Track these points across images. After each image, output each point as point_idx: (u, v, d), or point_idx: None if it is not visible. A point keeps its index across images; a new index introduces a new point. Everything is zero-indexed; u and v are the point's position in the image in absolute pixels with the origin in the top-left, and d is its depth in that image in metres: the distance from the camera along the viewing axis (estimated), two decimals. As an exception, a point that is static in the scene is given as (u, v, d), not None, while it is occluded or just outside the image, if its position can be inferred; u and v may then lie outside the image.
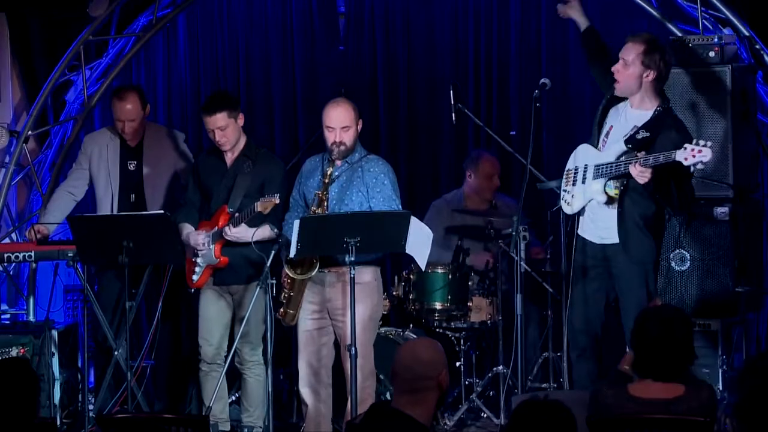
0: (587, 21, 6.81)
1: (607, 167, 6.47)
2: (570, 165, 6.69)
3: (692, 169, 6.33)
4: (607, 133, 6.59)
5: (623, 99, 6.59)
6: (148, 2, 8.26)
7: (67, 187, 7.63)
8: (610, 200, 6.51)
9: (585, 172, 6.60)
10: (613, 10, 7.91)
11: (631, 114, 6.55)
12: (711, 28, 7.69)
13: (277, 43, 8.53)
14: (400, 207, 6.64)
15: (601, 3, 7.92)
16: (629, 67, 6.43)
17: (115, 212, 7.31)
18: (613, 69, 6.46)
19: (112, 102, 7.48)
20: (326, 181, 6.51)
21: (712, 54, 7.20)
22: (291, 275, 6.48)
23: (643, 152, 6.32)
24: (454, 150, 8.21)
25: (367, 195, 6.60)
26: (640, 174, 6.26)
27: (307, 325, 6.63)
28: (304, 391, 6.68)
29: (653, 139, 6.35)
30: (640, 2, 7.74)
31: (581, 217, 6.67)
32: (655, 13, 7.76)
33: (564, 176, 6.69)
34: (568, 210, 6.71)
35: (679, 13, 7.83)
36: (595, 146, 6.62)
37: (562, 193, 6.70)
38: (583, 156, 6.66)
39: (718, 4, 7.66)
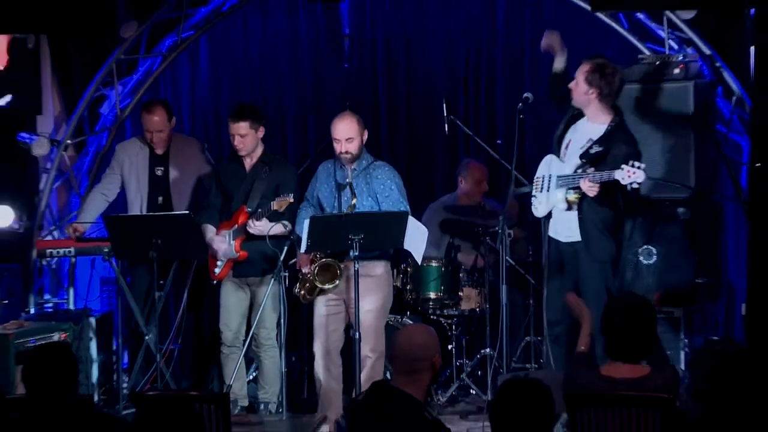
0: (564, 62, 6.82)
1: (565, 179, 6.55)
2: (539, 173, 6.73)
3: (628, 188, 6.33)
4: (567, 146, 6.64)
5: (583, 115, 6.62)
6: (173, 25, 8.26)
7: (101, 190, 7.64)
8: (570, 206, 6.58)
9: (549, 181, 6.67)
10: (589, 32, 7.89)
11: (586, 127, 6.60)
12: (676, 47, 7.70)
13: (289, 61, 8.52)
14: (408, 206, 6.65)
15: (578, 25, 7.91)
16: (578, 85, 6.52)
17: (144, 213, 7.32)
18: (570, 85, 6.55)
19: (141, 114, 7.50)
20: (351, 190, 6.51)
21: (677, 71, 7.22)
22: (319, 285, 6.51)
23: (592, 169, 6.38)
24: (447, 157, 8.22)
25: (377, 200, 6.64)
26: (589, 188, 6.34)
27: (323, 311, 6.64)
28: (319, 370, 6.66)
29: (605, 153, 6.40)
30: (614, 25, 7.73)
31: (551, 220, 6.71)
32: (626, 34, 7.76)
33: (534, 183, 6.75)
34: (537, 213, 6.77)
35: (648, 34, 7.83)
36: (558, 157, 6.68)
37: (533, 198, 6.76)
38: (549, 166, 6.71)
39: (683, 26, 7.67)
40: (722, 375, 3.53)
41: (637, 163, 6.25)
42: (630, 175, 6.24)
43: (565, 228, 6.67)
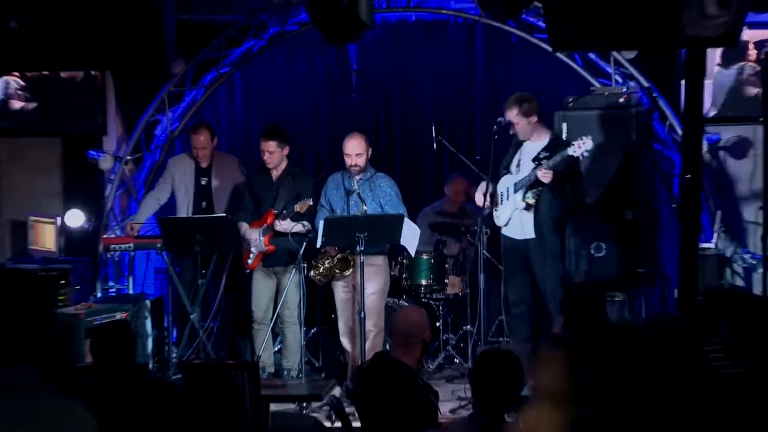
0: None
1: (522, 181, 6.62)
2: (498, 190, 6.80)
3: (581, 160, 6.51)
4: (518, 164, 6.73)
5: (521, 143, 6.75)
6: (213, 62, 8.25)
7: (155, 195, 7.63)
8: (528, 207, 6.64)
9: (507, 192, 6.75)
10: (551, 68, 7.89)
11: (531, 147, 6.71)
12: (621, 81, 7.70)
13: (307, 91, 8.49)
14: (405, 209, 6.71)
15: (542, 63, 7.92)
16: (518, 123, 6.61)
17: (190, 215, 7.32)
18: (512, 131, 6.67)
19: (189, 135, 7.51)
20: (360, 198, 6.62)
21: (621, 100, 7.21)
22: (338, 273, 6.69)
23: (543, 164, 6.49)
24: (435, 170, 8.19)
25: (380, 204, 6.69)
26: (545, 175, 6.45)
27: (342, 295, 6.78)
28: (344, 341, 6.80)
29: (551, 157, 6.49)
30: (570, 63, 7.75)
31: (505, 225, 6.81)
32: (580, 70, 7.77)
33: (493, 199, 6.79)
34: (499, 222, 6.86)
35: (598, 70, 7.84)
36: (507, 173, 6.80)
37: (494, 212, 6.85)
38: (504, 183, 6.80)
39: (626, 64, 7.68)
40: (661, 345, 3.49)
41: (583, 137, 6.37)
42: (580, 145, 6.39)
43: (520, 228, 6.74)
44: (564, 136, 6.93)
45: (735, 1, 5.13)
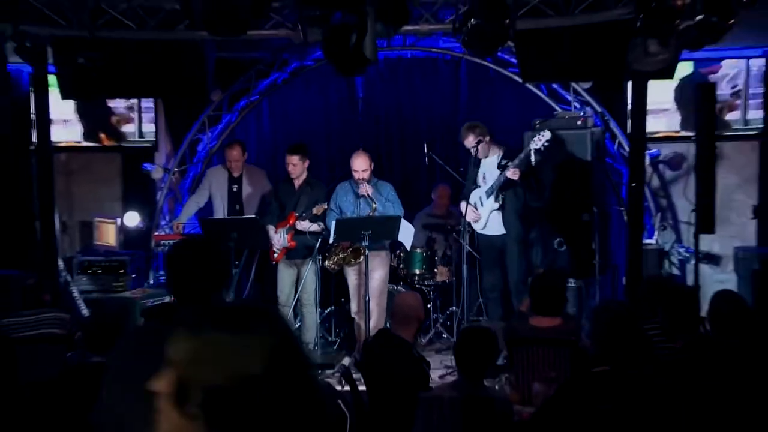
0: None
1: (492, 186, 6.72)
2: (472, 201, 6.87)
3: (542, 148, 6.56)
4: (483, 177, 6.83)
5: (480, 161, 6.87)
6: (244, 92, 8.25)
7: (195, 199, 7.60)
8: (501, 207, 6.75)
9: (480, 200, 6.83)
10: (522, 96, 7.84)
11: (489, 161, 6.84)
12: (579, 106, 7.68)
13: (322, 115, 8.45)
14: (402, 210, 6.76)
15: (515, 93, 7.86)
16: (477, 145, 6.69)
17: (225, 216, 7.30)
18: (477, 153, 6.76)
19: (225, 150, 7.51)
20: (369, 201, 6.67)
21: (579, 122, 7.18)
22: (352, 260, 6.64)
23: (511, 164, 6.64)
24: (426, 180, 8.10)
25: (383, 207, 6.69)
26: (514, 173, 6.58)
27: (353, 280, 6.74)
28: (356, 318, 6.79)
29: (514, 158, 6.63)
30: (537, 91, 7.73)
31: (479, 224, 6.87)
32: (545, 97, 7.75)
33: (469, 211, 6.80)
34: (478, 227, 6.94)
35: (560, 97, 7.81)
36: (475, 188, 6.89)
37: (473, 223, 6.90)
38: (476, 194, 6.87)
39: (583, 92, 7.67)
40: (613, 323, 3.50)
41: (541, 132, 6.50)
42: (540, 138, 6.50)
43: (495, 226, 6.84)
44: (531, 153, 6.87)
45: (672, 42, 5.12)
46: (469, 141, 6.75)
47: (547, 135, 6.48)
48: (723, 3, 4.64)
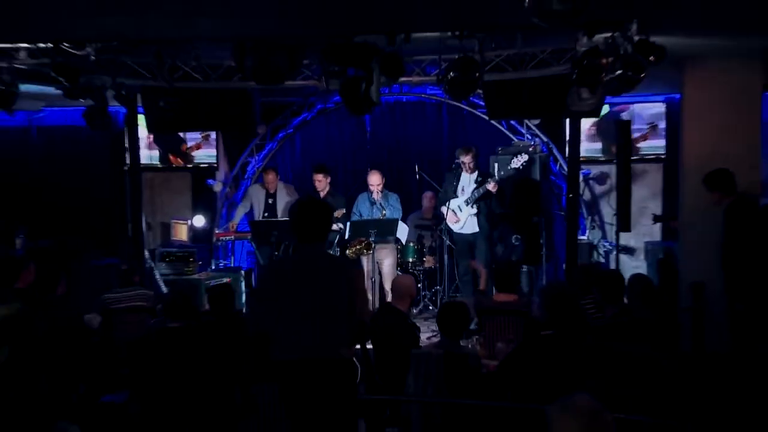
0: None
1: (471, 197, 6.66)
2: (452, 206, 6.78)
3: (520, 166, 6.52)
4: (462, 189, 6.74)
5: (460, 174, 6.74)
6: (282, 126, 8.20)
7: (242, 207, 7.56)
8: (477, 213, 6.69)
9: (459, 207, 6.75)
10: (488, 130, 7.79)
11: (467, 177, 6.75)
12: (530, 137, 7.65)
13: (340, 144, 8.39)
14: (400, 213, 6.81)
15: (483, 127, 7.80)
16: (470, 162, 6.65)
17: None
18: (464, 161, 6.66)
19: (263, 174, 7.54)
20: (380, 207, 6.66)
21: (530, 149, 7.13)
22: (366, 252, 6.52)
23: (492, 179, 6.57)
24: (417, 192, 7.99)
25: (391, 211, 6.70)
26: (493, 187, 6.54)
27: (369, 268, 6.57)
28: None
29: (485, 180, 6.57)
30: (498, 126, 7.70)
31: (456, 224, 6.77)
32: (505, 130, 7.72)
33: (449, 216, 6.75)
34: (456, 228, 6.84)
35: (516, 130, 7.77)
36: (453, 197, 6.79)
37: (452, 225, 6.81)
38: (455, 202, 6.78)
39: (533, 127, 7.66)
40: (557, 299, 3.49)
41: (521, 154, 6.52)
42: (519, 159, 6.51)
43: (471, 227, 6.77)
44: (495, 171, 6.88)
45: (599, 90, 5.13)
46: (467, 158, 6.65)
47: (524, 158, 6.48)
48: (636, 62, 4.65)
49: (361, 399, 3.38)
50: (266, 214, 7.32)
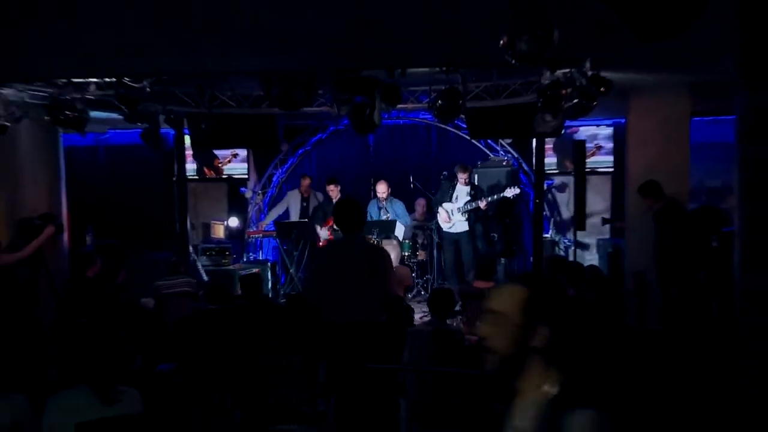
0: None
1: (464, 207, 6.56)
2: (448, 208, 6.72)
3: (512, 197, 6.43)
4: (456, 197, 6.67)
5: (456, 184, 6.65)
6: (301, 144, 8.18)
7: (277, 209, 7.48)
8: (467, 219, 6.62)
9: (452, 212, 6.68)
10: (470, 148, 7.73)
11: (461, 188, 6.68)
12: (503, 153, 7.63)
13: (349, 159, 8.34)
14: (408, 217, 6.75)
15: (466, 146, 7.74)
16: (466, 177, 6.59)
17: (297, 220, 7.19)
18: (462, 176, 6.56)
19: (301, 179, 7.38)
20: (386, 210, 6.65)
21: (504, 163, 7.14)
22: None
23: (485, 200, 6.44)
24: (411, 198, 7.91)
25: (395, 214, 6.67)
26: (486, 205, 6.43)
27: None
28: None
29: (477, 197, 6.50)
30: (479, 144, 7.66)
31: (447, 223, 6.69)
32: (484, 148, 7.69)
33: (441, 218, 6.71)
34: (446, 228, 6.77)
35: (493, 148, 7.74)
36: (448, 200, 6.71)
37: (445, 224, 6.74)
38: (448, 206, 6.71)
39: (506, 145, 7.62)
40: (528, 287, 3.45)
41: (514, 186, 6.42)
42: (512, 191, 6.43)
43: (459, 227, 6.68)
44: (476, 181, 6.83)
45: (559, 115, 5.12)
46: (465, 175, 6.61)
47: (516, 190, 6.42)
48: (589, 92, 4.67)
49: (368, 368, 3.35)
50: (302, 215, 7.27)
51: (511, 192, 6.41)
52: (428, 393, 3.50)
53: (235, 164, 8.44)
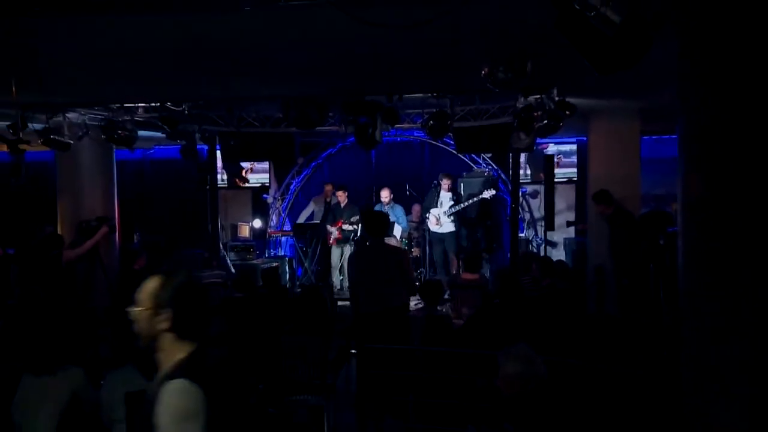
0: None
1: (449, 210, 6.54)
2: (435, 213, 6.69)
3: (489, 198, 6.35)
4: (441, 203, 6.64)
5: (440, 191, 6.64)
6: (314, 158, 8.16)
7: (305, 213, 7.46)
8: (453, 222, 6.58)
9: (440, 215, 6.64)
10: (457, 161, 7.68)
11: (445, 194, 6.66)
12: (485, 165, 7.61)
13: (356, 170, 8.25)
14: (407, 221, 6.69)
15: (454, 159, 7.66)
16: (450, 184, 6.55)
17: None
18: (445, 183, 6.54)
19: (325, 186, 7.21)
20: (388, 214, 6.49)
21: (485, 174, 7.11)
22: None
23: (465, 201, 6.44)
24: (408, 203, 7.91)
25: (397, 219, 6.64)
26: (468, 207, 6.38)
27: None
28: None
29: (458, 199, 6.49)
30: (463, 158, 7.62)
31: (436, 226, 6.68)
32: (467, 161, 7.67)
33: (430, 221, 6.68)
34: (434, 229, 6.73)
35: (476, 161, 7.72)
36: (434, 206, 6.67)
37: (433, 226, 6.71)
38: (435, 211, 6.69)
39: (487, 158, 7.60)
40: (505, 278, 3.47)
41: (490, 189, 6.34)
42: (489, 192, 6.42)
43: (446, 228, 6.66)
44: (462, 190, 6.81)
45: (532, 134, 5.14)
46: (447, 182, 6.57)
47: (493, 191, 6.41)
48: (556, 115, 4.71)
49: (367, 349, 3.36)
50: (326, 216, 7.15)
51: (488, 193, 6.42)
52: (420, 369, 3.49)
53: (255, 174, 8.42)
